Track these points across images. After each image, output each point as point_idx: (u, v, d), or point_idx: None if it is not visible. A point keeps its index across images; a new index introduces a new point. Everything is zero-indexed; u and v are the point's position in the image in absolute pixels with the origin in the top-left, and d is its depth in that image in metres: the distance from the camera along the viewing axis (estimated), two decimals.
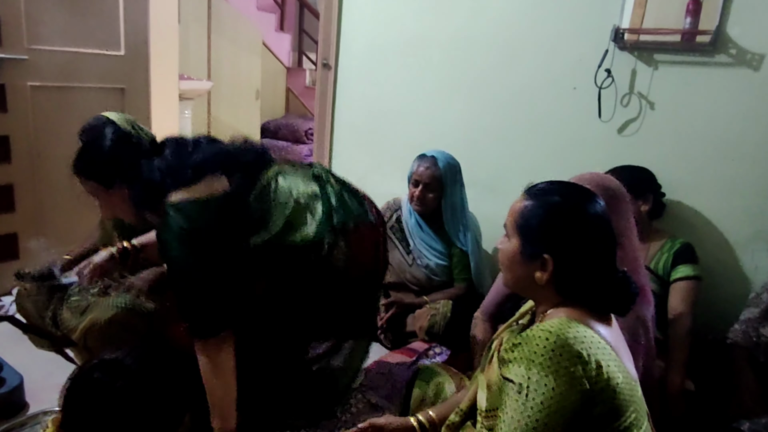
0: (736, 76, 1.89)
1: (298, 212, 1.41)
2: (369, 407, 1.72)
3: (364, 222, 1.60)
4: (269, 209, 1.39)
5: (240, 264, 1.34)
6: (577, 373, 0.87)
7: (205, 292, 1.29)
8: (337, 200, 1.54)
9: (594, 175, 1.44)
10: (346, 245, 1.47)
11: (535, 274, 1.01)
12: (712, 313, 1.91)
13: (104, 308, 1.74)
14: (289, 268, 1.40)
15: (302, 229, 1.40)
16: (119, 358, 1.06)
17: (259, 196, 1.40)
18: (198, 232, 1.28)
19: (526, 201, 1.05)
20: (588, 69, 2.10)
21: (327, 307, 1.49)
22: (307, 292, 1.43)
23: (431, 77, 2.56)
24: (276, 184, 1.43)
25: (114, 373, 1.02)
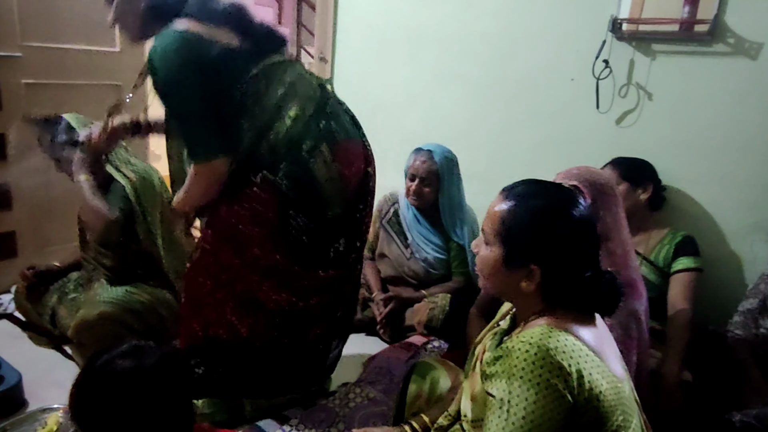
0: (734, 66, 1.87)
1: (288, 99, 1.41)
2: (367, 401, 1.72)
3: (355, 142, 1.57)
4: (266, 84, 1.40)
5: (228, 111, 1.38)
6: (559, 385, 0.86)
7: (197, 117, 1.35)
8: (332, 111, 1.52)
9: (582, 169, 1.41)
10: (331, 157, 1.45)
11: (521, 284, 0.98)
12: (712, 303, 1.90)
13: (94, 304, 1.75)
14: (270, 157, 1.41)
15: (285, 120, 1.40)
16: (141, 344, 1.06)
17: (262, 69, 1.40)
18: (193, 65, 1.30)
19: (505, 204, 0.99)
20: (586, 60, 2.08)
21: (306, 219, 1.45)
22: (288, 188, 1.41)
23: (428, 69, 2.55)
24: (282, 69, 1.44)
25: (140, 355, 1.01)
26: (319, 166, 1.44)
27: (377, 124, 2.76)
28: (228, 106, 1.38)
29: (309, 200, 1.44)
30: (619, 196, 1.43)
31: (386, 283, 2.34)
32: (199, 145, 1.39)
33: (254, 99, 1.40)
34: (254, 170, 1.42)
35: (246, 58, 1.40)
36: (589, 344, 0.92)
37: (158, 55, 1.30)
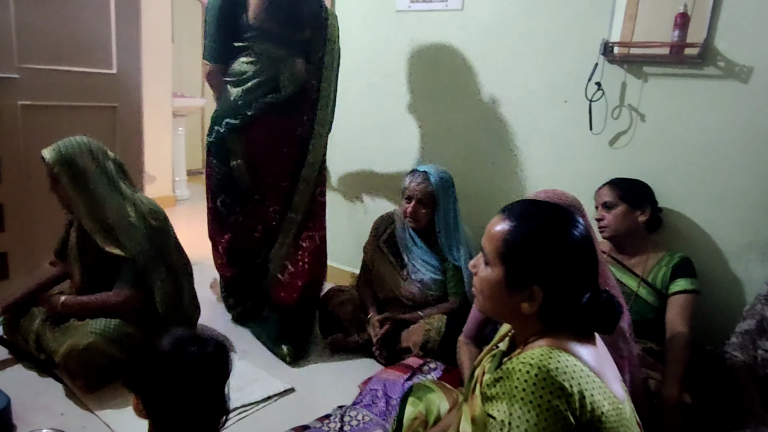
0: (724, 89, 1.90)
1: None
2: (363, 425, 1.70)
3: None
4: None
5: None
6: (561, 406, 0.84)
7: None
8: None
9: (549, 191, 1.44)
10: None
11: (522, 305, 0.97)
12: (708, 323, 1.90)
13: (82, 334, 1.75)
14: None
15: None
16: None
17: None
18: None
19: (506, 224, 0.99)
20: (578, 82, 2.11)
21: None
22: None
23: (422, 91, 2.58)
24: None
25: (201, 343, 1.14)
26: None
27: (373, 144, 2.79)
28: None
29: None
30: (586, 216, 1.44)
31: (382, 305, 2.33)
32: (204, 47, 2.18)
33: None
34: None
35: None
36: (590, 364, 0.92)
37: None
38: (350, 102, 2.82)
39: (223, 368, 1.15)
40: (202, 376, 1.10)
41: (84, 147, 1.85)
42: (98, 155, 1.87)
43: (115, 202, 1.85)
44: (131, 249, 1.84)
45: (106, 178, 1.86)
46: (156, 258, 1.88)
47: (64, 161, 1.80)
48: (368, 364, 2.17)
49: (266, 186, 2.22)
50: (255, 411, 1.81)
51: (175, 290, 1.95)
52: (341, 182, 2.96)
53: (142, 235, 1.85)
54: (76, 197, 1.82)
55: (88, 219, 1.83)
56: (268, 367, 2.07)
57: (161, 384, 1.09)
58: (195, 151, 5.97)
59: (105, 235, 1.83)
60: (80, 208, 1.83)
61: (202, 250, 3.49)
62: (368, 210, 2.70)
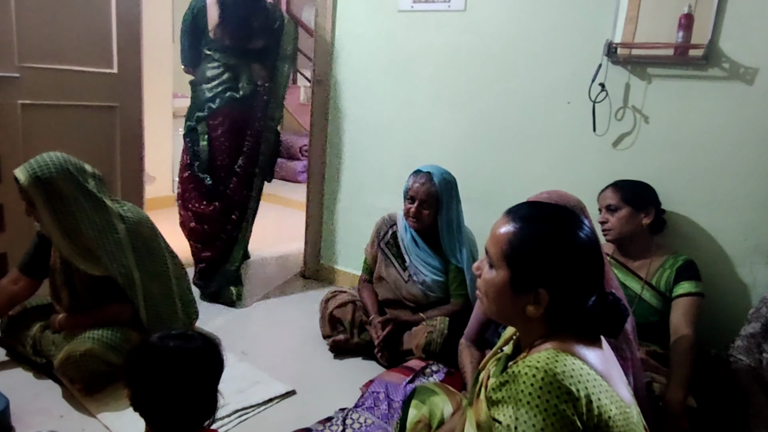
0: (729, 90, 1.89)
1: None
2: (365, 428, 1.68)
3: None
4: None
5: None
6: (568, 411, 0.83)
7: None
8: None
9: (551, 192, 1.43)
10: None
11: (527, 308, 0.96)
12: (712, 326, 1.89)
13: (81, 340, 1.74)
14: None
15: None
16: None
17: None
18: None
19: (511, 226, 0.98)
20: (582, 83, 2.10)
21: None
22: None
23: (425, 92, 2.57)
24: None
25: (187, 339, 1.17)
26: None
27: (375, 145, 2.77)
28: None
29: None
30: (589, 217, 1.43)
31: (384, 306, 2.31)
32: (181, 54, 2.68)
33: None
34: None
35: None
36: (597, 368, 0.90)
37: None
38: (351, 102, 2.81)
39: (211, 364, 1.15)
40: (189, 370, 1.11)
41: (61, 167, 1.71)
42: (77, 175, 1.75)
43: (97, 223, 1.76)
44: (114, 270, 1.78)
45: (88, 198, 1.75)
46: (144, 273, 1.85)
47: (40, 183, 1.67)
48: (370, 366, 2.16)
49: (230, 172, 2.64)
50: (256, 413, 1.80)
51: (164, 301, 1.93)
52: (341, 183, 2.95)
53: (128, 253, 1.81)
54: (52, 222, 1.71)
55: (65, 243, 1.74)
56: (269, 370, 2.06)
57: (147, 376, 1.11)
58: None
59: (87, 259, 1.77)
60: (57, 233, 1.73)
61: None
62: (369, 211, 2.68)
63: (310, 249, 3.10)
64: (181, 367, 1.11)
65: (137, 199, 2.80)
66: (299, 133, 6.44)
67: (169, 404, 1.11)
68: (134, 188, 2.80)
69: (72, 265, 1.81)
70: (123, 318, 1.84)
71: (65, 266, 1.84)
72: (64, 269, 1.85)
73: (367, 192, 2.86)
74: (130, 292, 1.83)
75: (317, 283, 3.06)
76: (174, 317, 1.95)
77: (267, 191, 3.14)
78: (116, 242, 1.79)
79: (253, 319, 2.54)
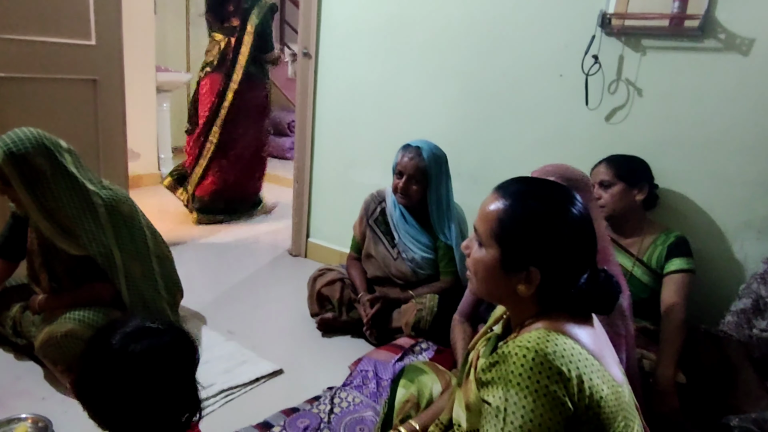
0: (724, 62, 1.85)
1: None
2: (353, 407, 1.67)
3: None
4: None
5: None
6: (559, 392, 0.81)
7: None
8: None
9: (557, 166, 1.39)
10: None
11: (518, 287, 0.93)
12: (702, 302, 1.88)
13: (61, 321, 1.69)
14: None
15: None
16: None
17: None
18: None
19: (501, 203, 0.94)
20: (574, 55, 2.05)
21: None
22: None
23: (414, 65, 2.50)
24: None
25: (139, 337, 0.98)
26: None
27: (364, 120, 2.72)
28: None
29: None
30: (592, 191, 1.40)
31: (373, 284, 2.29)
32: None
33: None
34: None
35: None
36: (588, 347, 0.88)
37: None
38: (338, 76, 2.74)
39: (184, 359, 1.00)
40: (159, 373, 0.95)
41: (37, 142, 1.63)
42: (53, 151, 1.67)
43: (76, 201, 1.70)
44: (94, 250, 1.73)
45: (65, 175, 1.69)
46: (125, 253, 1.81)
47: (16, 161, 1.59)
48: (359, 345, 2.14)
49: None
50: (243, 393, 1.78)
51: (146, 281, 1.89)
52: (329, 157, 2.89)
53: (108, 233, 1.76)
54: (30, 200, 1.64)
55: (46, 223, 1.68)
56: (257, 349, 2.03)
57: (113, 390, 0.93)
58: (181, 126, 5.84)
59: (67, 239, 1.71)
60: (36, 212, 1.66)
61: (188, 229, 3.44)
62: (358, 188, 2.64)
63: (298, 226, 3.06)
64: (153, 370, 0.94)
65: (121, 177, 2.72)
66: (287, 109, 6.33)
67: (145, 415, 0.95)
68: (117, 166, 2.72)
69: (51, 245, 1.75)
70: (104, 297, 1.80)
71: (43, 247, 1.79)
72: (43, 251, 1.80)
73: (355, 168, 2.80)
74: (111, 273, 1.78)
75: (305, 261, 3.03)
76: (156, 297, 1.91)
77: None
78: (95, 221, 1.74)
79: (240, 298, 2.51)
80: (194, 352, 1.03)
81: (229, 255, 3.04)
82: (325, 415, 1.61)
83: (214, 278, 2.70)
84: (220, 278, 2.70)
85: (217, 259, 2.97)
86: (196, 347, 1.04)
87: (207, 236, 3.31)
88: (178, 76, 4.68)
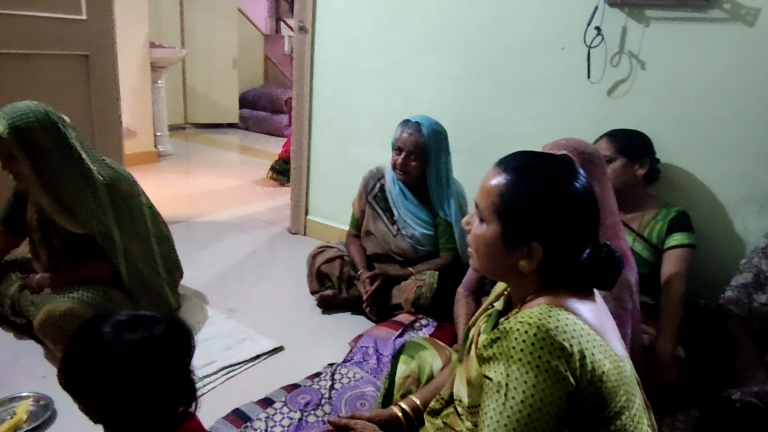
0: (730, 33, 1.81)
1: None
2: (354, 382, 1.67)
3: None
4: None
5: None
6: (561, 367, 0.80)
7: None
8: None
9: (570, 140, 1.36)
10: None
11: (520, 263, 0.92)
12: (703, 277, 1.88)
13: (60, 300, 1.69)
14: None
15: None
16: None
17: None
18: None
19: (502, 178, 0.93)
20: (577, 27, 2.01)
21: None
22: None
23: (412, 39, 2.45)
24: None
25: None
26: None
27: (362, 96, 2.68)
28: None
29: None
30: (605, 166, 1.38)
31: (372, 261, 2.28)
32: None
33: None
34: None
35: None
36: (590, 322, 0.87)
37: None
38: (336, 50, 2.69)
39: (179, 349, 0.95)
40: (153, 364, 0.91)
41: (41, 116, 1.60)
42: (58, 126, 1.64)
43: (76, 178, 1.68)
44: (93, 228, 1.72)
45: (68, 152, 1.66)
46: (124, 232, 1.80)
47: (20, 135, 1.57)
48: (358, 321, 2.14)
49: None
50: (243, 370, 1.78)
51: (145, 260, 1.88)
52: (327, 134, 2.86)
53: (108, 211, 1.75)
54: (32, 176, 1.62)
55: (47, 200, 1.66)
56: (257, 326, 2.03)
57: (103, 383, 0.89)
58: (177, 105, 5.79)
59: (67, 216, 1.70)
60: (37, 187, 1.64)
61: (187, 207, 3.42)
62: (357, 164, 2.61)
63: (297, 204, 3.04)
64: (145, 362, 0.89)
65: (116, 155, 2.68)
66: (284, 85, 6.25)
67: (139, 407, 0.91)
68: (112, 143, 2.68)
69: (50, 222, 1.74)
70: (103, 276, 1.79)
71: (42, 223, 1.78)
72: (42, 226, 1.79)
73: (354, 145, 2.77)
74: (110, 251, 1.77)
75: (304, 238, 3.02)
76: (155, 277, 1.90)
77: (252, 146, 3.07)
78: (95, 198, 1.73)
79: (239, 276, 2.51)
80: (189, 341, 0.99)
81: (228, 233, 3.03)
82: (326, 391, 1.62)
83: (213, 257, 2.70)
84: (219, 256, 2.69)
85: (215, 238, 2.96)
86: (192, 336, 1.00)
87: (205, 215, 3.29)
88: (172, 52, 4.60)
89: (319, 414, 1.52)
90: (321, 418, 1.51)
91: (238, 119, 6.36)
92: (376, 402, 1.49)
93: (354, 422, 1.20)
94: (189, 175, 4.31)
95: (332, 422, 1.24)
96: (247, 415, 1.50)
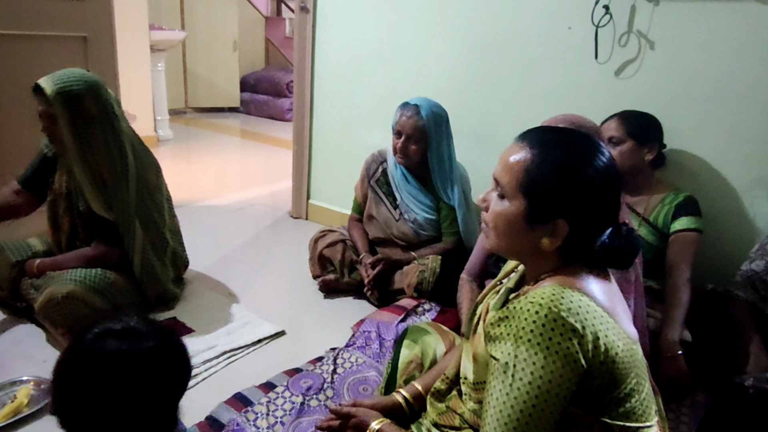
0: (740, 11, 1.76)
1: None
2: (356, 367, 1.66)
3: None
4: None
5: None
6: (572, 348, 0.78)
7: None
8: None
9: (567, 116, 1.34)
10: None
11: (542, 240, 0.89)
12: (710, 261, 1.85)
13: (62, 282, 1.67)
14: None
15: None
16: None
17: None
18: None
19: (526, 153, 0.89)
20: (584, 6, 1.96)
21: None
22: None
23: (415, 19, 2.40)
24: None
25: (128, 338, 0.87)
26: None
27: (362, 77, 2.63)
28: None
29: None
30: (605, 141, 1.36)
31: (374, 245, 2.26)
32: None
33: None
34: None
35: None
36: (603, 304, 0.85)
37: None
38: (338, 32, 2.65)
39: (165, 372, 0.87)
40: (129, 379, 0.83)
41: (91, 84, 1.60)
42: (104, 94, 1.65)
43: (114, 152, 1.68)
44: (117, 212, 1.72)
45: (111, 123, 1.66)
46: (142, 220, 1.79)
47: (68, 99, 1.56)
48: (361, 306, 2.13)
49: None
50: (245, 354, 1.77)
51: (157, 251, 1.88)
52: (329, 117, 2.82)
53: (132, 196, 1.75)
54: (74, 143, 1.61)
55: (82, 169, 1.65)
56: (259, 311, 2.02)
57: (79, 396, 0.83)
58: (177, 88, 5.74)
59: (96, 193, 1.68)
60: (75, 155, 1.63)
61: (187, 192, 3.40)
62: (359, 148, 2.58)
63: (299, 188, 3.02)
64: (125, 378, 0.82)
65: None
66: (285, 69, 6.19)
67: (105, 423, 0.83)
68: None
69: (79, 192, 1.74)
70: (109, 260, 1.78)
71: (70, 194, 1.78)
72: (69, 196, 1.78)
73: (356, 128, 2.74)
74: (127, 240, 1.77)
75: (306, 222, 3.00)
76: (165, 270, 1.92)
77: (254, 130, 3.03)
78: (125, 180, 1.73)
79: (241, 261, 2.49)
80: (182, 367, 0.90)
81: (230, 217, 3.01)
82: (328, 375, 1.61)
83: (215, 241, 2.68)
84: (220, 241, 2.68)
85: (217, 222, 2.94)
86: (187, 361, 0.91)
87: (206, 199, 3.27)
88: (172, 35, 4.55)
89: (321, 398, 1.52)
90: (323, 403, 1.50)
91: (239, 103, 6.30)
92: (379, 387, 1.48)
93: (356, 410, 1.19)
94: (190, 160, 4.29)
95: (334, 411, 1.22)
96: (248, 399, 1.49)
